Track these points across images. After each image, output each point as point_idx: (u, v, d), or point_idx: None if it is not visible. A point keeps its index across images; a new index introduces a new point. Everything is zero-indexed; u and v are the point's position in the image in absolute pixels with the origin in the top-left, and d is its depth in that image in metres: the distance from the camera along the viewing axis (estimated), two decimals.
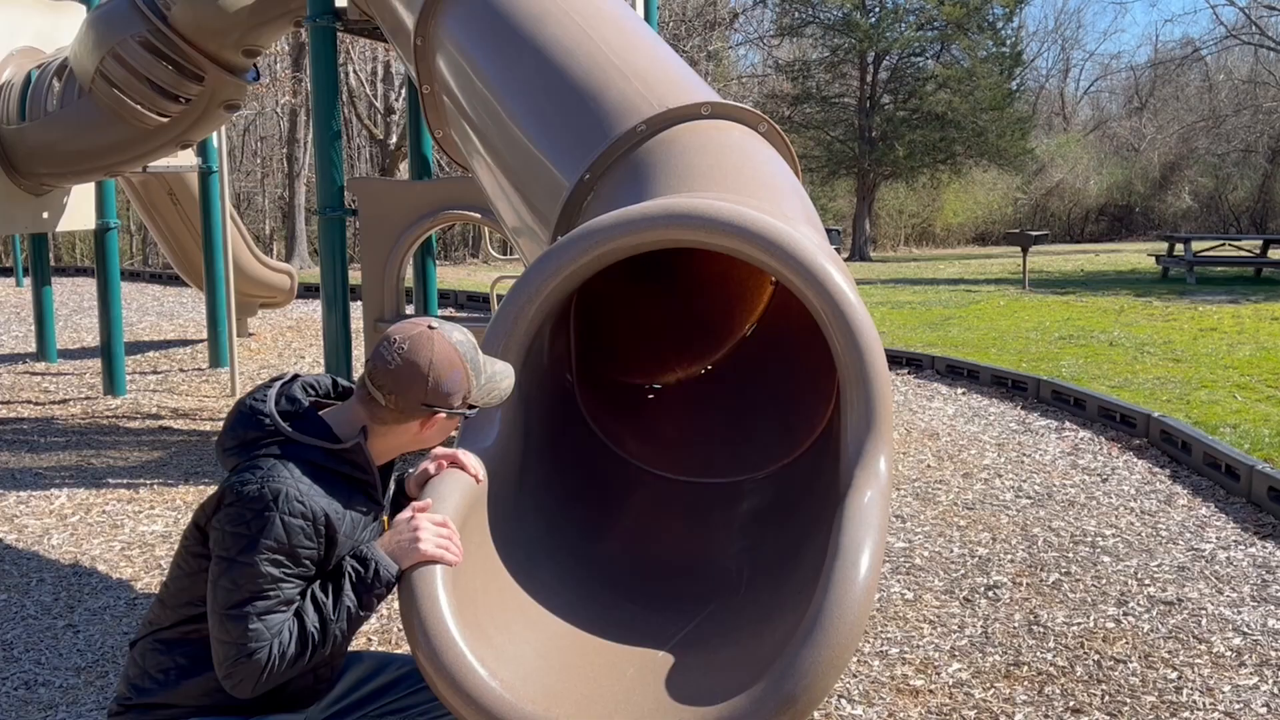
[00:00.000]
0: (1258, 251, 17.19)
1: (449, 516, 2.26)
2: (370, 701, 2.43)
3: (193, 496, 5.77)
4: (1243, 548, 4.92)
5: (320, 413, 2.23)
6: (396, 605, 2.18)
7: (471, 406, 2.26)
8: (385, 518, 2.34)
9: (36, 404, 8.16)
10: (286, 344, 10.71)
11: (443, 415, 2.21)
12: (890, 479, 2.31)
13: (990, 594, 4.40)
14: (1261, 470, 5.50)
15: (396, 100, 25.07)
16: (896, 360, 9.22)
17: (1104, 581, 4.53)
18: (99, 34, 6.82)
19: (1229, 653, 3.88)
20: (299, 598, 2.13)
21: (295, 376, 2.30)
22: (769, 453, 3.18)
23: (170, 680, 2.21)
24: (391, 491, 2.42)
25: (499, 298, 8.85)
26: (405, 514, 2.21)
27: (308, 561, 2.11)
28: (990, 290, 15.80)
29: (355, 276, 8.79)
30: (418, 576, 2.16)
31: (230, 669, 2.06)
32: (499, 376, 2.31)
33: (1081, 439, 6.86)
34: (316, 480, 2.13)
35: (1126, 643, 3.96)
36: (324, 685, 2.37)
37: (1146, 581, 4.54)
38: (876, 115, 27.89)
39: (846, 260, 24.22)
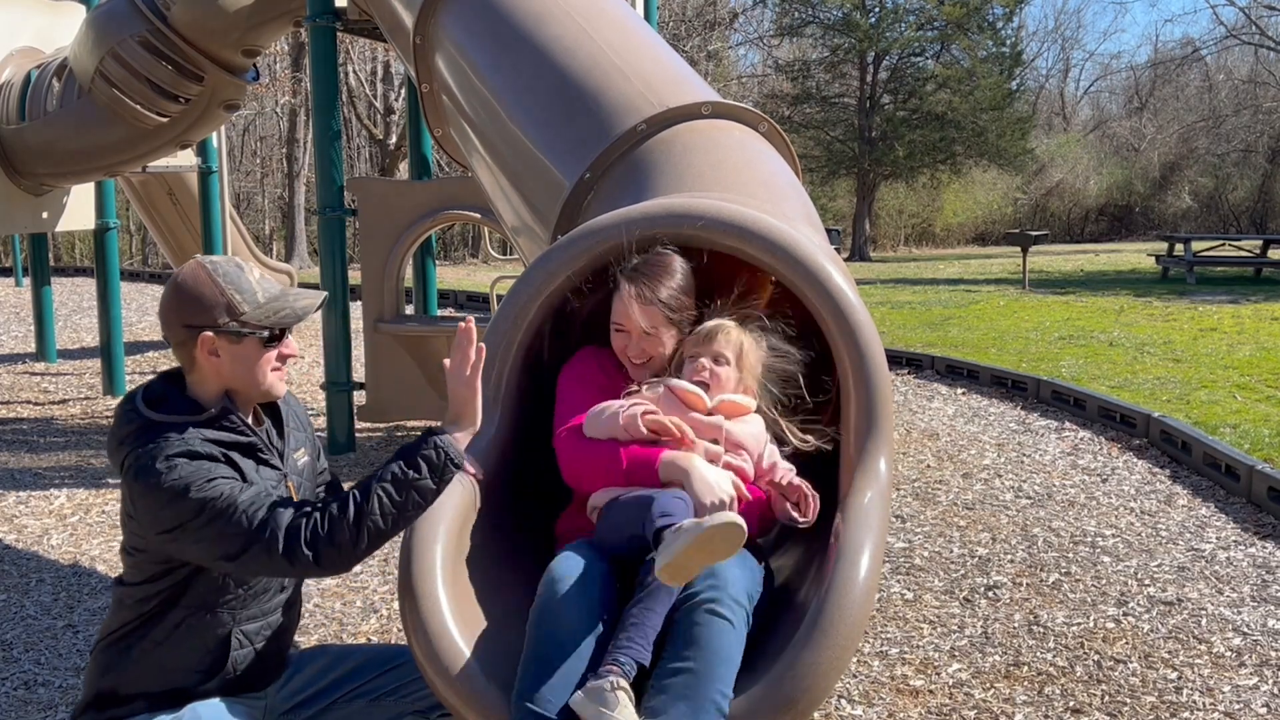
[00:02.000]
0: (1258, 251, 17.19)
1: (448, 519, 2.26)
2: (338, 688, 2.45)
3: None
4: (1243, 548, 4.92)
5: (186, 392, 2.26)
6: (397, 605, 2.18)
7: (257, 326, 2.21)
8: (290, 483, 2.32)
9: (36, 404, 8.16)
10: None
11: (211, 334, 2.18)
12: (890, 480, 2.30)
13: (990, 594, 4.40)
14: (1261, 470, 5.50)
15: (396, 100, 25.07)
16: (896, 360, 9.22)
17: (1104, 581, 4.53)
18: (99, 34, 6.82)
19: (1229, 653, 3.87)
20: (255, 481, 2.17)
21: (176, 370, 2.32)
22: None
23: (118, 668, 2.25)
24: (303, 463, 2.40)
25: (499, 298, 8.85)
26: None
27: (234, 475, 2.15)
28: (990, 290, 15.80)
29: (355, 276, 8.79)
30: (418, 576, 2.16)
31: (272, 550, 2.06)
32: (292, 296, 2.28)
33: (1081, 439, 6.86)
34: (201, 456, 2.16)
35: (1126, 643, 3.96)
36: (273, 663, 2.39)
37: (1146, 581, 4.53)
38: (876, 115, 27.89)
39: (846, 260, 24.22)
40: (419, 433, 2.24)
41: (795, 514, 2.35)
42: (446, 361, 2.18)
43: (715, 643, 2.02)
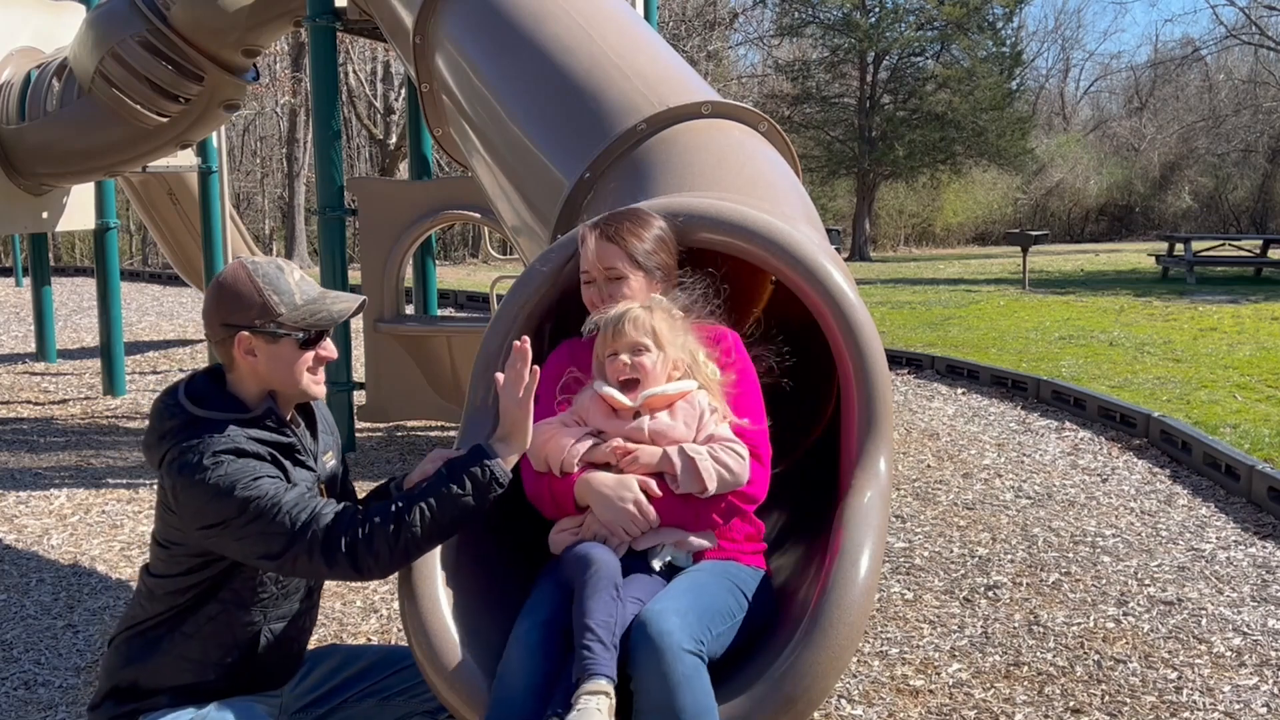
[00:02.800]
0: (1258, 251, 17.20)
1: None
2: (348, 687, 2.46)
3: None
4: (1243, 548, 4.92)
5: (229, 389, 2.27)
6: (396, 605, 2.18)
7: (293, 328, 2.22)
8: (321, 485, 2.33)
9: (36, 404, 8.16)
10: None
11: (248, 334, 2.20)
12: (890, 479, 2.30)
13: (990, 594, 4.40)
14: (1261, 470, 5.50)
15: (396, 100, 25.07)
16: (896, 360, 9.22)
17: (1104, 581, 4.53)
18: (98, 34, 6.81)
19: (1229, 653, 3.87)
20: (297, 483, 2.18)
21: (217, 367, 2.32)
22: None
23: (142, 660, 2.26)
24: (330, 466, 2.41)
25: (499, 298, 8.85)
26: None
27: (278, 475, 2.15)
28: (990, 290, 15.80)
29: (355, 276, 8.79)
30: (418, 576, 2.16)
31: (312, 553, 2.06)
32: (330, 299, 2.30)
33: (1081, 439, 6.86)
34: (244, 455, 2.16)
35: (1126, 643, 3.96)
36: (291, 661, 2.40)
37: (1146, 581, 4.53)
38: (876, 115, 27.89)
39: (846, 260, 24.22)
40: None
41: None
42: (499, 376, 2.15)
43: (684, 700, 1.96)
